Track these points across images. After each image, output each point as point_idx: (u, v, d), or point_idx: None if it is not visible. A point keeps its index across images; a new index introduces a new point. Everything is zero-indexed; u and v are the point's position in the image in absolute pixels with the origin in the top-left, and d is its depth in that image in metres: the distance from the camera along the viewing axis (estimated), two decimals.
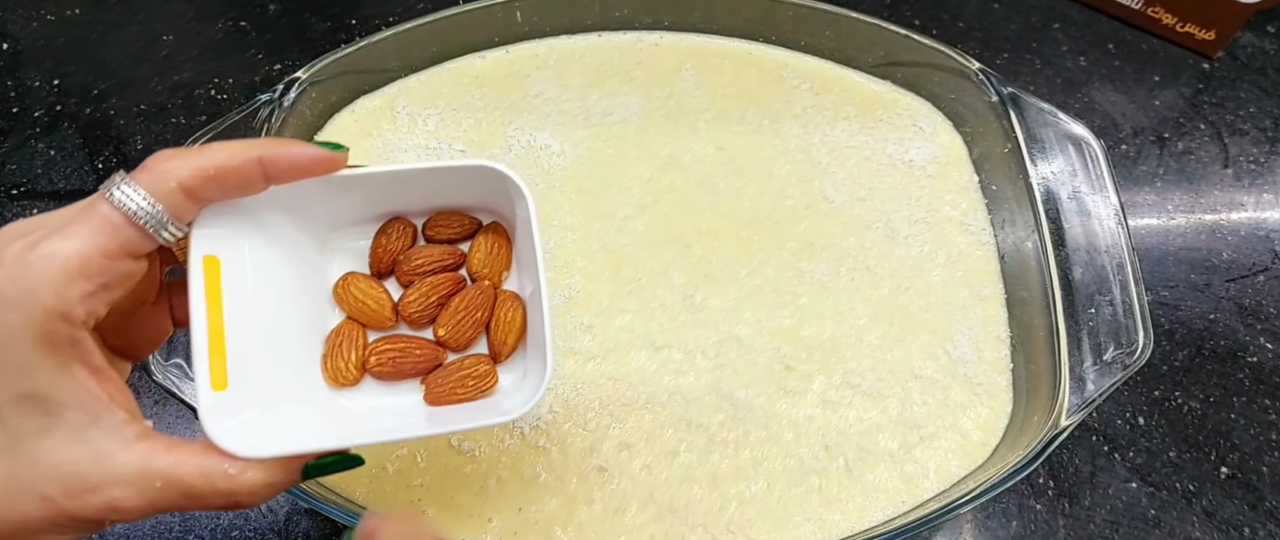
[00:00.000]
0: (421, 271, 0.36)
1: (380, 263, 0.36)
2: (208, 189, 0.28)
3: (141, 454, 0.27)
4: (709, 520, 0.44)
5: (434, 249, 0.36)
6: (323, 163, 0.30)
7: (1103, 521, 0.48)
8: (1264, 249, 0.57)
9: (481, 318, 0.36)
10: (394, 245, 0.36)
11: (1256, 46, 0.65)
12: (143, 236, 0.27)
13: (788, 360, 0.47)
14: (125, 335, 0.31)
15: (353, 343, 0.34)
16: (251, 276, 0.31)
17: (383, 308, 0.35)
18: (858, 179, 0.54)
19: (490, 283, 0.36)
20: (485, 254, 0.36)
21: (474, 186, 0.35)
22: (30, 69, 0.62)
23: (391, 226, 0.36)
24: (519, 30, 0.58)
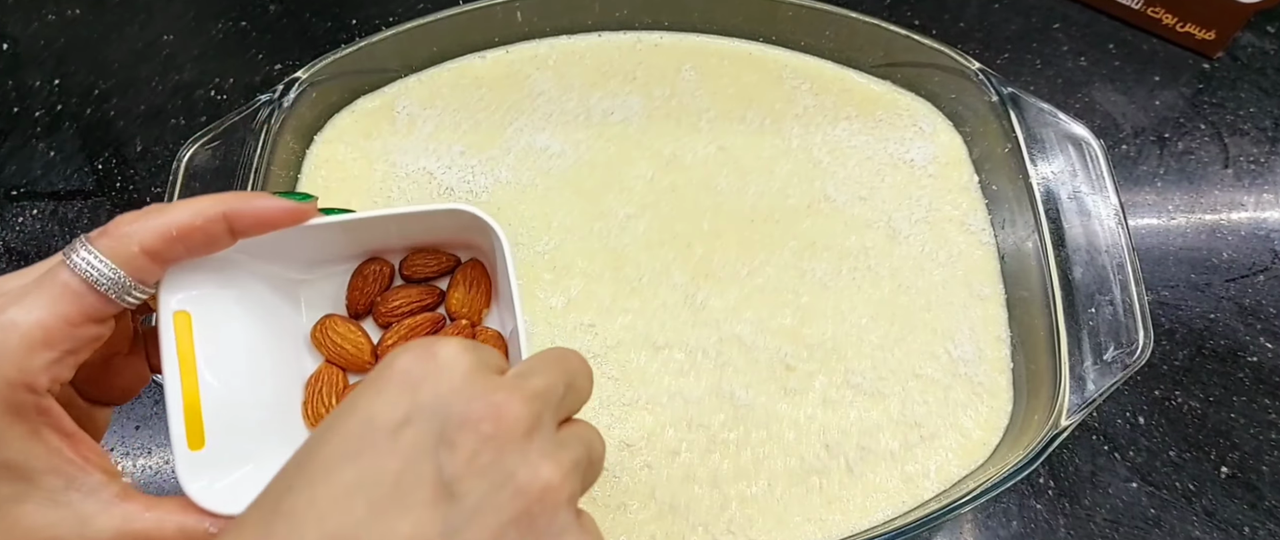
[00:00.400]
0: (399, 313, 0.36)
1: (357, 305, 0.36)
2: (171, 250, 0.28)
3: (122, 516, 0.27)
4: (710, 519, 0.44)
5: (412, 289, 0.36)
6: (289, 215, 0.30)
7: (1103, 521, 0.48)
8: (1264, 249, 0.57)
9: None
10: (371, 287, 0.36)
11: (1257, 47, 0.66)
12: (105, 302, 0.27)
13: (789, 360, 0.47)
14: (102, 386, 0.31)
15: (333, 387, 0.34)
16: (225, 328, 0.31)
17: (361, 351, 0.35)
18: (859, 179, 0.54)
19: (469, 321, 0.36)
20: (464, 293, 0.36)
21: (449, 226, 0.35)
22: (31, 69, 0.62)
23: (367, 268, 0.36)
24: (519, 30, 0.58)
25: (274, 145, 0.49)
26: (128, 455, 0.48)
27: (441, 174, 0.53)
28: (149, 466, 0.48)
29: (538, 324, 0.48)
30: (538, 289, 0.49)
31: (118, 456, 0.48)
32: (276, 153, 0.50)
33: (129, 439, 0.49)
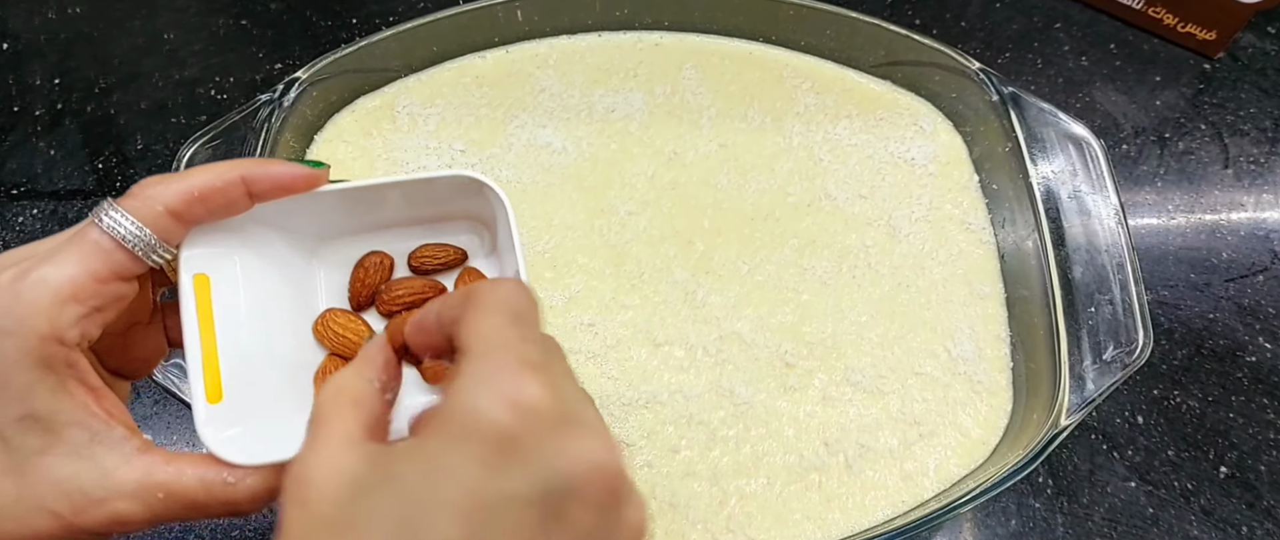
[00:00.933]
0: (402, 303, 0.36)
1: (359, 296, 0.36)
2: (194, 211, 0.29)
3: (143, 467, 0.28)
4: (709, 517, 0.44)
5: (415, 281, 0.36)
6: (304, 180, 0.31)
7: (1101, 520, 0.48)
8: (1264, 249, 0.57)
9: None
10: (372, 278, 0.36)
11: (1257, 47, 0.66)
12: (132, 260, 0.28)
13: (789, 357, 0.47)
14: (122, 356, 0.32)
15: None
16: (242, 291, 0.32)
17: (363, 339, 0.35)
18: (859, 177, 0.54)
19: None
20: None
21: (456, 196, 0.35)
22: (32, 66, 0.62)
23: (368, 260, 0.36)
24: (520, 30, 0.58)
25: (275, 144, 0.50)
26: None
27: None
28: None
29: None
30: (539, 286, 0.49)
31: None
32: (277, 152, 0.50)
33: None
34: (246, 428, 0.30)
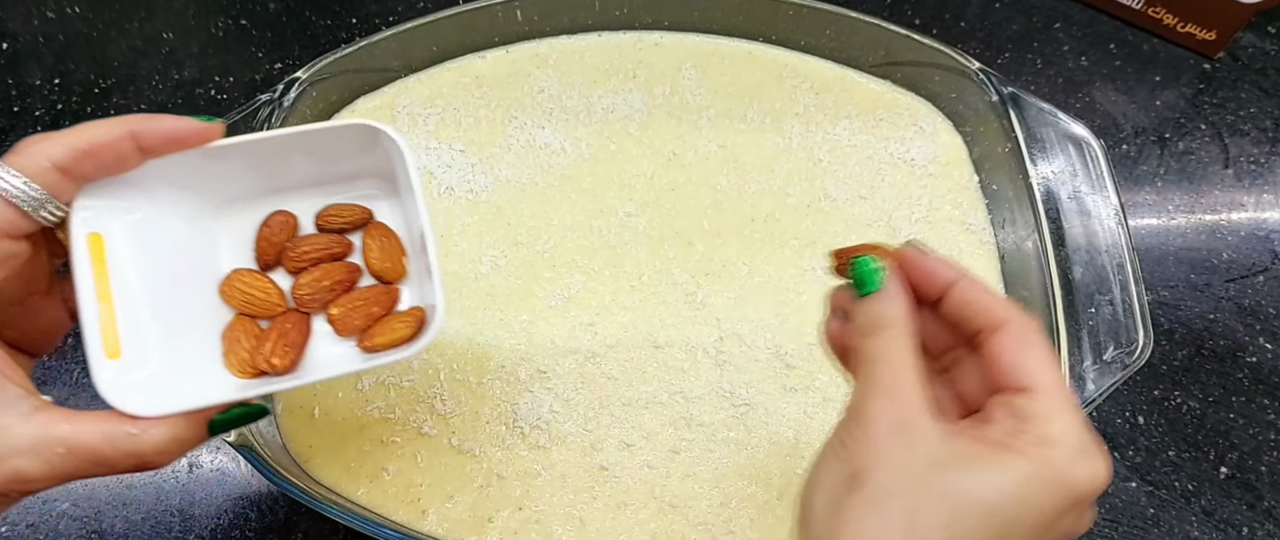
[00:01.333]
0: (309, 258, 0.36)
1: (266, 255, 0.36)
2: (82, 165, 0.29)
3: (40, 424, 0.28)
4: (710, 518, 0.44)
5: (320, 237, 0.37)
6: (197, 134, 0.31)
7: (1102, 520, 0.48)
8: (1264, 249, 0.57)
9: (377, 314, 0.36)
10: (278, 237, 0.36)
11: (1257, 47, 0.66)
12: (21, 217, 0.28)
13: (789, 358, 0.47)
14: (19, 327, 0.32)
15: (248, 334, 0.35)
16: (141, 249, 0.32)
17: (271, 296, 0.35)
18: (859, 178, 0.54)
19: (395, 285, 0.37)
20: (380, 248, 0.37)
21: (358, 152, 0.36)
22: (31, 67, 0.62)
23: (273, 219, 0.37)
24: (520, 30, 0.58)
25: None
26: None
27: (441, 172, 0.53)
28: None
29: (538, 322, 0.48)
30: (538, 286, 0.49)
31: None
32: None
33: None
34: (147, 378, 0.31)
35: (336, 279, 0.36)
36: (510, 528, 0.43)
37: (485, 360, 0.47)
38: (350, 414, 0.46)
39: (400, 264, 0.37)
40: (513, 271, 0.50)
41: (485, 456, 0.45)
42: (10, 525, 0.46)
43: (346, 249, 0.37)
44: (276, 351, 0.34)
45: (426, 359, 0.47)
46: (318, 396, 0.46)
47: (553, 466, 0.45)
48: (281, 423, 0.46)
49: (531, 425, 0.45)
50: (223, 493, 0.48)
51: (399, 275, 0.37)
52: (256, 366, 0.34)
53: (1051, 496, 0.26)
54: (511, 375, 0.47)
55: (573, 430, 0.46)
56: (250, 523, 0.47)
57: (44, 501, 0.47)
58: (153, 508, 0.47)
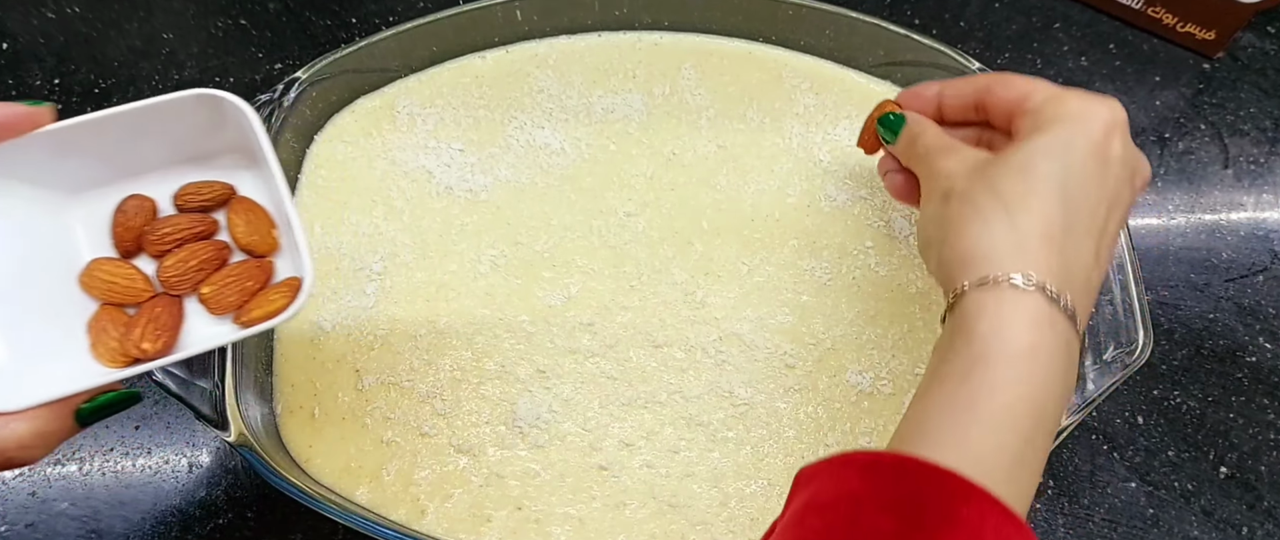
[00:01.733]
0: (171, 240, 0.35)
1: (124, 241, 0.35)
2: None
3: None
4: (709, 518, 0.44)
5: (181, 218, 0.36)
6: (25, 118, 0.31)
7: (1101, 520, 0.48)
8: (1264, 249, 0.57)
9: (252, 288, 0.35)
10: (134, 221, 0.35)
11: (1257, 47, 0.66)
12: None
13: (789, 358, 0.47)
14: None
15: (115, 323, 0.34)
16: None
17: (135, 282, 0.35)
18: (859, 177, 0.54)
19: (267, 259, 0.36)
20: (246, 222, 0.36)
21: (209, 128, 0.35)
22: (31, 67, 0.62)
23: (127, 204, 0.36)
24: (519, 30, 0.58)
25: (275, 144, 0.49)
26: (127, 455, 0.48)
27: (441, 172, 0.53)
28: (149, 466, 0.48)
29: (538, 322, 0.48)
30: (537, 286, 0.49)
31: (117, 456, 0.48)
32: (277, 152, 0.50)
33: (129, 439, 0.49)
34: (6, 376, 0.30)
35: (204, 258, 0.35)
36: (509, 527, 0.43)
37: (485, 360, 0.47)
38: (350, 414, 0.46)
39: (270, 236, 0.36)
40: (512, 271, 0.50)
41: (485, 456, 0.45)
42: (9, 525, 0.46)
43: (211, 227, 0.36)
44: (147, 336, 0.33)
45: (427, 359, 0.47)
46: (318, 396, 0.46)
47: (552, 466, 0.45)
48: (281, 423, 0.46)
49: (531, 425, 0.45)
50: (222, 492, 0.48)
51: (271, 248, 0.36)
52: (128, 354, 0.33)
53: (1086, 133, 0.35)
54: (511, 375, 0.47)
55: (572, 430, 0.46)
56: (250, 523, 0.47)
57: (42, 501, 0.47)
58: (152, 507, 0.47)
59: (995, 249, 0.34)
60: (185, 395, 0.40)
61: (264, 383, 0.46)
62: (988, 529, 0.29)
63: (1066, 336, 0.33)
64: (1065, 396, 0.33)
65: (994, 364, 0.32)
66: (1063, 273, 0.33)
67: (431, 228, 0.51)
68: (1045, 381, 0.32)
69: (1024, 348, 0.32)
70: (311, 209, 0.51)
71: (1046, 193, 0.34)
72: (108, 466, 0.48)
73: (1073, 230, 0.34)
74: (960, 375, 0.32)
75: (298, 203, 0.52)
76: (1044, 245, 0.33)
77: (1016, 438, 0.31)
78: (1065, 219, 0.34)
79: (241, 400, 0.42)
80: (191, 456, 0.48)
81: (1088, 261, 0.35)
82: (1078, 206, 0.35)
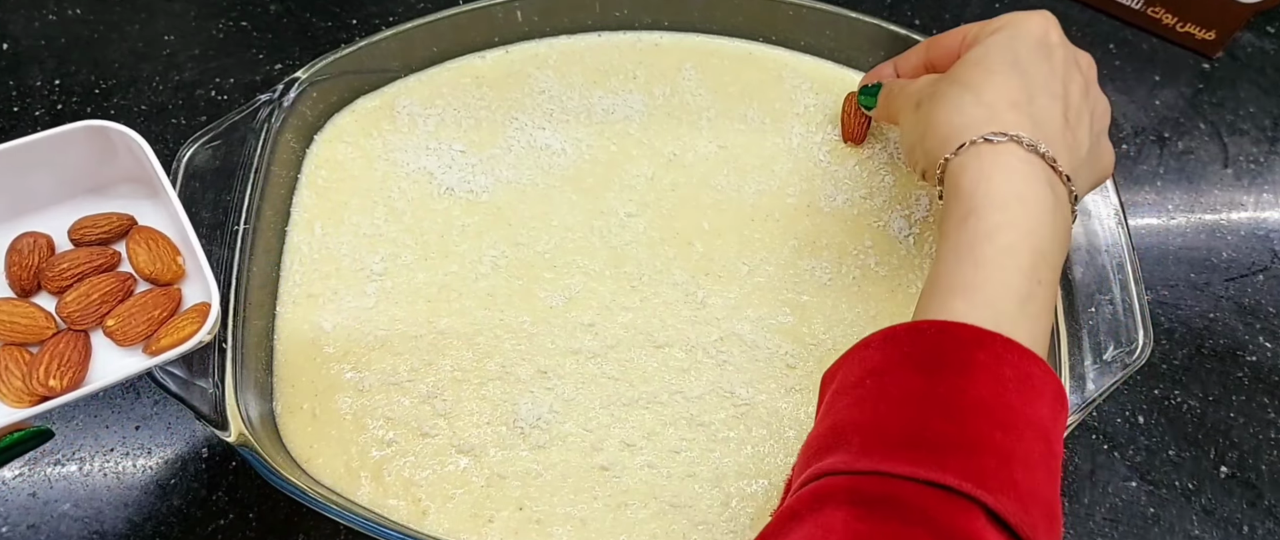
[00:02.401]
0: (69, 275, 0.35)
1: (21, 280, 0.35)
2: None
3: None
4: (711, 518, 0.44)
5: (79, 252, 0.36)
6: None
7: (1102, 519, 0.48)
8: (1264, 249, 0.57)
9: (160, 317, 0.35)
10: (29, 260, 0.35)
11: (1256, 46, 0.66)
12: None
13: (789, 358, 0.47)
14: None
15: (17, 363, 0.34)
16: None
17: (36, 320, 0.34)
18: (859, 178, 0.54)
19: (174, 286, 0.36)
20: (147, 251, 0.36)
21: (95, 153, 0.35)
22: (31, 68, 0.62)
23: (20, 242, 0.35)
24: (519, 30, 0.58)
25: (274, 144, 0.50)
26: (128, 455, 0.48)
27: (441, 173, 0.53)
28: (149, 466, 0.48)
29: (538, 322, 0.48)
30: (538, 287, 0.49)
31: (118, 457, 0.48)
32: (277, 152, 0.50)
33: (129, 439, 0.49)
34: None
35: (106, 290, 0.35)
36: (511, 527, 0.43)
37: (486, 360, 0.47)
38: (351, 414, 0.46)
39: (174, 264, 0.36)
40: (513, 272, 0.50)
41: (486, 456, 0.45)
42: (11, 525, 0.46)
43: (112, 259, 0.36)
44: (52, 372, 0.33)
45: (428, 359, 0.47)
46: (318, 397, 0.46)
47: (553, 466, 0.45)
48: (281, 423, 0.46)
49: (532, 425, 0.45)
50: (224, 493, 0.48)
51: (176, 275, 0.36)
52: (33, 392, 0.33)
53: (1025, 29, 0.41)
54: (512, 375, 0.47)
55: (573, 430, 0.46)
56: (251, 524, 0.47)
57: (45, 502, 0.47)
58: (154, 508, 0.47)
59: (968, 122, 0.38)
60: (185, 395, 0.40)
61: (264, 383, 0.46)
62: (1006, 366, 0.31)
63: (1048, 179, 0.36)
64: (1061, 237, 0.36)
65: (984, 211, 0.35)
66: (1034, 129, 0.37)
67: (432, 228, 0.51)
68: (1037, 220, 0.35)
69: (1010, 192, 0.35)
70: (311, 209, 0.51)
71: (1004, 71, 0.39)
72: (109, 467, 0.48)
73: (1036, 97, 0.38)
74: (956, 227, 0.36)
75: (298, 203, 0.52)
76: (1011, 109, 0.37)
77: (1019, 276, 0.33)
78: (1026, 88, 0.38)
79: (241, 400, 0.42)
80: (192, 457, 0.48)
81: (1058, 122, 0.38)
82: (1034, 79, 0.39)
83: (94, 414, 0.49)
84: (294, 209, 0.52)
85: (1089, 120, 0.40)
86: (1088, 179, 0.41)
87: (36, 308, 0.35)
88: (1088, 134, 0.40)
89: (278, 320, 0.48)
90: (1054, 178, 0.37)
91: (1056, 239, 0.35)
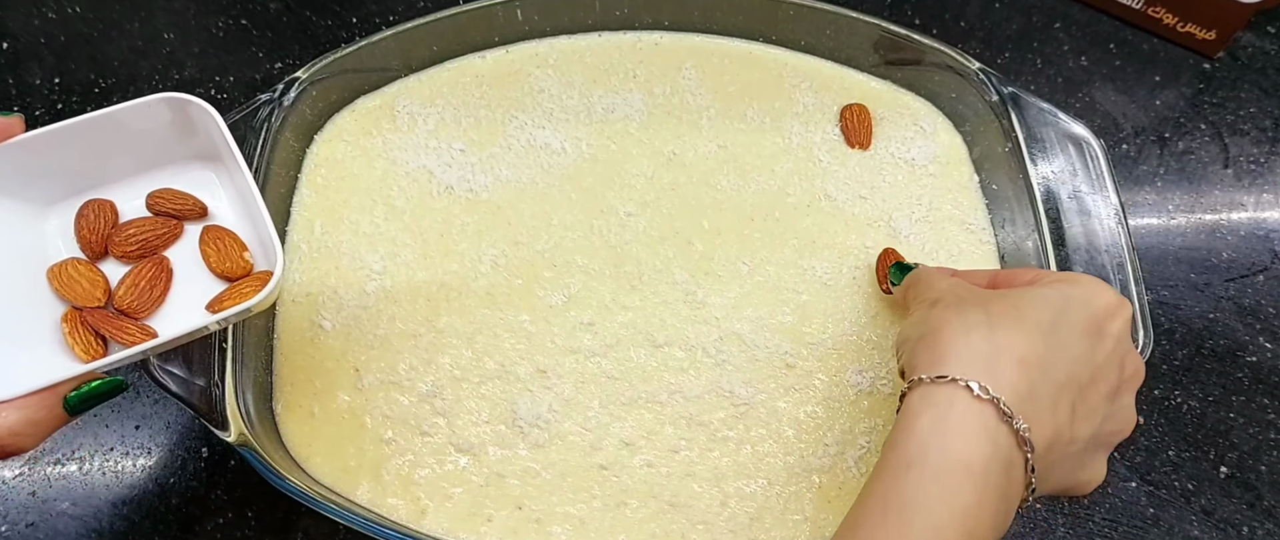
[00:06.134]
0: (137, 242, 0.36)
1: (89, 244, 0.36)
2: None
3: None
4: (710, 517, 0.44)
5: (145, 220, 0.37)
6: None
7: (1102, 520, 0.48)
8: (1264, 249, 0.57)
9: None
10: (97, 224, 0.36)
11: (1257, 46, 0.66)
12: None
13: (789, 358, 0.47)
14: None
15: (86, 324, 0.35)
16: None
17: (96, 287, 0.35)
18: (859, 177, 0.54)
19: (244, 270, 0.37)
20: (217, 251, 0.37)
21: (174, 135, 0.36)
22: (31, 66, 0.62)
23: (87, 208, 0.37)
24: (519, 30, 0.58)
25: (274, 143, 0.50)
26: (127, 455, 0.48)
27: (441, 172, 0.53)
28: (148, 466, 0.48)
29: (538, 321, 0.48)
30: (538, 286, 0.49)
31: (118, 456, 0.48)
32: (277, 151, 0.50)
33: (129, 438, 0.49)
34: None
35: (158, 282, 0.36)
36: (510, 527, 0.43)
37: (485, 359, 0.47)
38: (350, 414, 0.46)
39: (242, 260, 0.37)
40: (513, 271, 0.50)
41: (485, 455, 0.45)
42: (10, 524, 0.46)
43: (175, 230, 0.37)
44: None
45: (427, 358, 0.47)
46: (318, 396, 0.46)
47: (552, 465, 0.45)
48: (281, 422, 0.46)
49: (531, 424, 0.45)
50: (223, 492, 0.48)
51: (245, 271, 0.37)
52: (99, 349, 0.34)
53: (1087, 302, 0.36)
54: (511, 374, 0.47)
55: (572, 429, 0.46)
56: (250, 523, 0.47)
57: (43, 501, 0.47)
58: (153, 507, 0.47)
59: (967, 355, 0.33)
60: (185, 395, 0.40)
61: (264, 382, 0.46)
62: None
63: (1008, 457, 0.32)
64: (998, 520, 0.32)
65: (928, 472, 0.31)
66: (1028, 399, 0.32)
67: (432, 227, 0.51)
68: (977, 503, 0.31)
69: (959, 459, 0.31)
70: (311, 209, 0.51)
71: (1034, 327, 0.34)
72: (108, 466, 0.48)
73: (1050, 370, 0.33)
74: (894, 472, 0.32)
75: (298, 202, 0.52)
76: (1016, 367, 0.33)
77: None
78: (1046, 357, 0.33)
79: (241, 400, 0.42)
80: (191, 456, 0.48)
81: (1060, 408, 0.33)
82: (1061, 354, 0.34)
83: (93, 413, 0.49)
84: (294, 208, 0.52)
85: (1097, 424, 0.35)
86: (1061, 480, 0.36)
87: (99, 274, 0.36)
88: (1087, 436, 0.35)
89: (278, 320, 0.48)
90: (1016, 455, 0.32)
91: (995, 527, 0.32)
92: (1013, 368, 0.33)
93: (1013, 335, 0.33)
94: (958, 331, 0.34)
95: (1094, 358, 0.35)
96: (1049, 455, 0.33)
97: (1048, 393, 0.33)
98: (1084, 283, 0.37)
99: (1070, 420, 0.34)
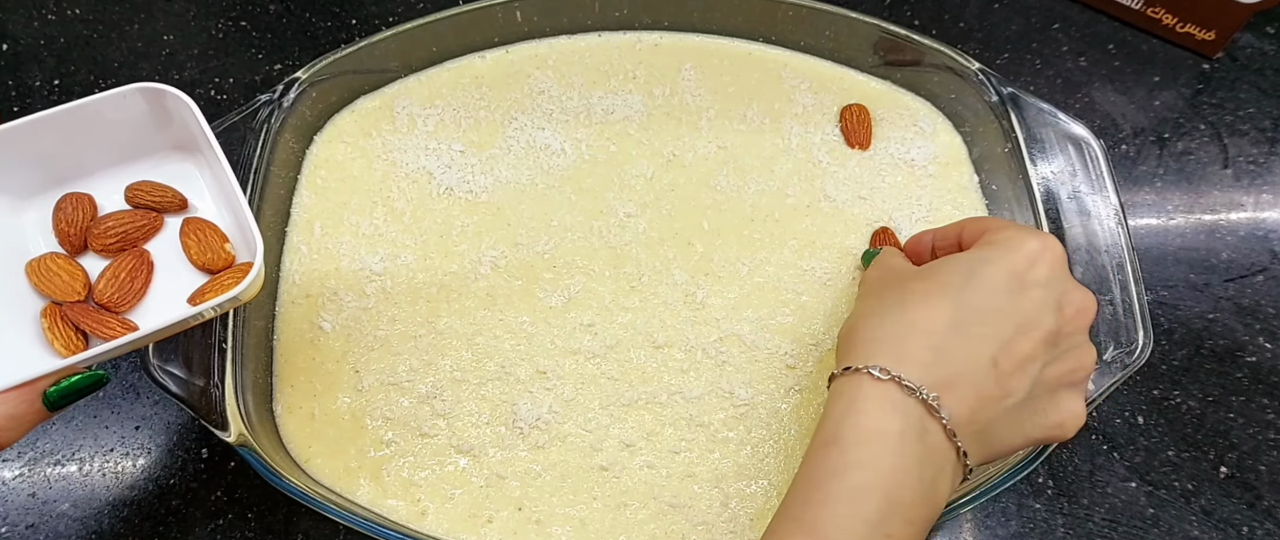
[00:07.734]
0: (116, 235, 0.36)
1: (68, 238, 0.36)
2: None
3: None
4: (710, 518, 0.44)
5: (124, 213, 0.37)
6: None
7: (1101, 520, 0.48)
8: (1263, 249, 0.57)
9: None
10: (76, 217, 0.36)
11: (1256, 47, 0.66)
12: None
13: (789, 359, 0.47)
14: None
15: (66, 319, 0.35)
16: None
17: (75, 280, 0.35)
18: (858, 178, 0.54)
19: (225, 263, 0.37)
20: (198, 243, 0.37)
21: (150, 126, 0.36)
22: (31, 68, 0.62)
23: (64, 202, 0.36)
24: (519, 30, 0.58)
25: (274, 144, 0.50)
26: (127, 455, 0.48)
27: (441, 173, 0.53)
28: (148, 467, 0.48)
29: (538, 322, 0.48)
30: (537, 287, 0.49)
31: (117, 456, 0.48)
32: (276, 152, 0.50)
33: (128, 439, 0.49)
34: None
35: (138, 275, 0.36)
36: (510, 528, 0.43)
37: (485, 360, 0.47)
38: (350, 414, 0.46)
39: (222, 251, 0.37)
40: (513, 272, 0.50)
41: (485, 457, 0.45)
42: (10, 525, 0.46)
43: (153, 223, 0.37)
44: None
45: (427, 359, 0.47)
46: (318, 397, 0.46)
47: (553, 466, 0.45)
48: (281, 423, 0.46)
49: (531, 425, 0.45)
50: (223, 493, 0.48)
51: (227, 262, 0.37)
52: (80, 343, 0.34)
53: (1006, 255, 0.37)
54: (512, 376, 0.47)
55: (573, 430, 0.46)
56: (250, 524, 0.47)
57: (44, 502, 0.47)
58: (153, 508, 0.47)
59: (875, 339, 0.36)
60: (185, 396, 0.40)
61: (264, 383, 0.46)
62: None
63: (920, 426, 0.34)
64: (924, 486, 0.33)
65: (844, 446, 0.34)
66: (933, 367, 0.34)
67: (432, 228, 0.51)
68: (893, 467, 0.33)
69: (869, 432, 0.33)
70: (311, 209, 0.51)
71: (941, 296, 0.36)
72: (108, 467, 0.48)
73: (963, 330, 0.35)
74: (816, 452, 0.35)
75: (297, 204, 0.52)
76: (920, 338, 0.35)
77: (864, 526, 0.32)
78: (955, 319, 0.35)
79: (241, 401, 0.42)
80: (191, 457, 0.48)
81: (978, 367, 0.35)
82: (974, 314, 0.35)
83: (93, 414, 0.49)
84: (293, 209, 0.52)
85: (1036, 373, 0.36)
86: (1015, 434, 0.36)
87: (77, 268, 0.36)
88: (1028, 383, 0.35)
89: (277, 320, 0.48)
90: (929, 422, 0.34)
91: (922, 492, 0.33)
92: (918, 340, 0.35)
93: (922, 308, 0.36)
94: (870, 321, 0.37)
95: (1018, 310, 0.36)
96: (981, 414, 0.35)
97: (959, 357, 0.35)
98: (1000, 239, 0.38)
99: (994, 377, 0.35)
